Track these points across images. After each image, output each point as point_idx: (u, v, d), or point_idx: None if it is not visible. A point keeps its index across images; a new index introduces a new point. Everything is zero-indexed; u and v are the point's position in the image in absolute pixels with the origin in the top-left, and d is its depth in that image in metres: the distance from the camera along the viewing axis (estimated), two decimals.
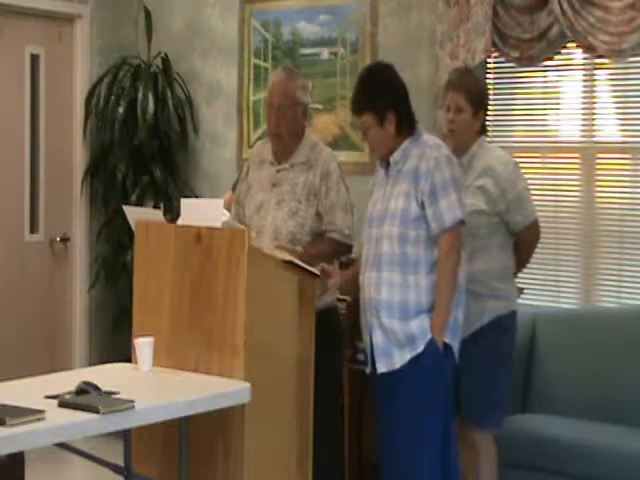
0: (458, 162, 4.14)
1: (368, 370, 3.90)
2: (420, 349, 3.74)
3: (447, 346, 3.76)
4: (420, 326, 3.74)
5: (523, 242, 4.24)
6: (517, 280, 4.38)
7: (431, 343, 3.73)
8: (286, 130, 4.22)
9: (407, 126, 3.85)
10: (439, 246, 3.74)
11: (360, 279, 3.90)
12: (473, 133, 4.19)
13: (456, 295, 3.77)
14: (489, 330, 4.11)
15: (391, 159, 3.84)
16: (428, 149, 3.80)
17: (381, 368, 3.80)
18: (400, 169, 3.82)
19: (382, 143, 3.85)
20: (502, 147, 4.56)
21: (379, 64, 4.29)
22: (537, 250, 4.36)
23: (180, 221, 4.43)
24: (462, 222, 3.78)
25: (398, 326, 3.75)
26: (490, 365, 4.11)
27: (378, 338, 3.80)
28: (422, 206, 3.74)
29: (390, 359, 3.78)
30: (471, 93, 4.15)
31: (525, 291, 4.73)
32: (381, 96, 3.82)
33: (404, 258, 3.76)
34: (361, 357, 4.59)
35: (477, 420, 4.14)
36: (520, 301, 4.39)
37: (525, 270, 4.42)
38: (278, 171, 4.26)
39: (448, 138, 4.31)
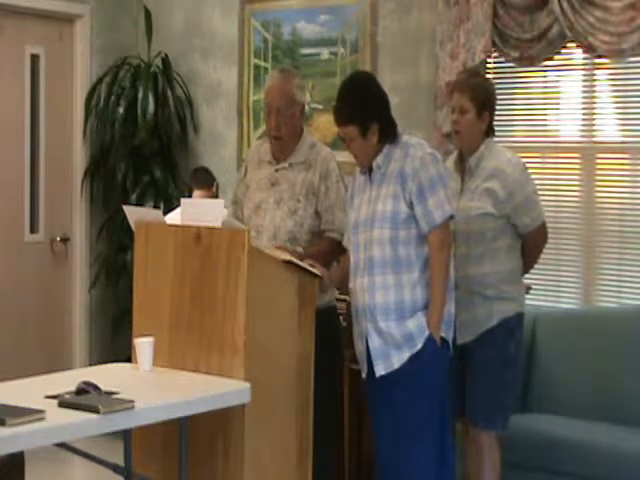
0: (466, 163, 4.17)
1: (364, 375, 3.89)
2: (419, 346, 3.74)
3: (443, 340, 3.78)
4: (418, 324, 3.74)
5: (530, 244, 4.23)
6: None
7: (429, 339, 3.73)
8: (286, 132, 4.22)
9: (388, 134, 3.84)
10: (430, 242, 3.75)
11: (350, 286, 3.89)
12: (479, 134, 4.17)
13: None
14: (496, 332, 4.11)
15: (374, 163, 3.84)
16: (412, 149, 3.80)
17: (380, 371, 3.79)
18: (384, 172, 3.82)
19: (364, 153, 3.84)
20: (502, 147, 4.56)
21: (361, 74, 4.30)
22: None
23: (170, 219, 4.44)
24: (451, 217, 3.80)
25: (395, 327, 3.75)
26: (497, 367, 4.10)
27: (375, 342, 3.79)
28: (411, 206, 3.75)
29: (388, 361, 3.77)
30: (476, 94, 4.14)
31: (531, 288, 4.74)
32: (367, 109, 3.81)
33: (396, 259, 3.76)
34: None
35: (483, 421, 4.14)
36: None
37: None
38: (277, 170, 4.26)
39: (447, 139, 4.32)
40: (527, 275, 4.43)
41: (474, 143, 4.17)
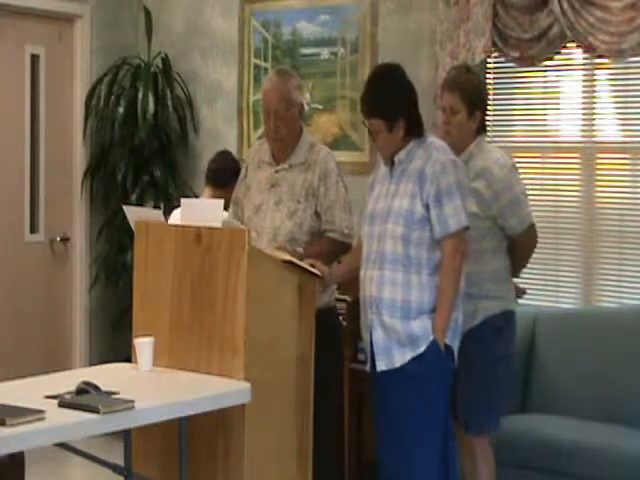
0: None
1: (368, 368, 3.90)
2: (422, 349, 3.73)
3: (448, 347, 3.76)
4: (423, 327, 3.73)
5: (520, 246, 4.18)
6: (518, 281, 4.36)
7: (433, 344, 3.72)
8: (286, 133, 4.21)
9: (415, 130, 3.83)
10: (444, 248, 3.74)
11: (361, 275, 3.89)
12: (470, 133, 4.12)
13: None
14: (481, 330, 4.06)
15: (396, 158, 3.83)
16: (435, 151, 3.79)
17: (381, 366, 3.79)
18: (405, 169, 3.81)
19: (389, 147, 3.84)
20: (502, 147, 4.55)
21: (390, 66, 4.09)
22: (537, 250, 4.32)
23: (173, 220, 4.44)
24: (466, 228, 3.78)
25: (400, 325, 3.75)
26: (486, 365, 4.07)
27: (378, 336, 3.80)
28: (427, 208, 3.74)
29: (390, 357, 3.78)
30: (466, 93, 4.08)
31: (525, 292, 4.71)
32: (392, 103, 3.79)
33: (407, 258, 3.75)
34: (362, 357, 4.59)
35: (474, 424, 4.11)
36: (520, 301, 4.38)
37: (525, 270, 4.40)
38: (276, 171, 4.26)
39: (445, 138, 4.30)
40: (527, 275, 4.42)
41: (465, 143, 4.11)
